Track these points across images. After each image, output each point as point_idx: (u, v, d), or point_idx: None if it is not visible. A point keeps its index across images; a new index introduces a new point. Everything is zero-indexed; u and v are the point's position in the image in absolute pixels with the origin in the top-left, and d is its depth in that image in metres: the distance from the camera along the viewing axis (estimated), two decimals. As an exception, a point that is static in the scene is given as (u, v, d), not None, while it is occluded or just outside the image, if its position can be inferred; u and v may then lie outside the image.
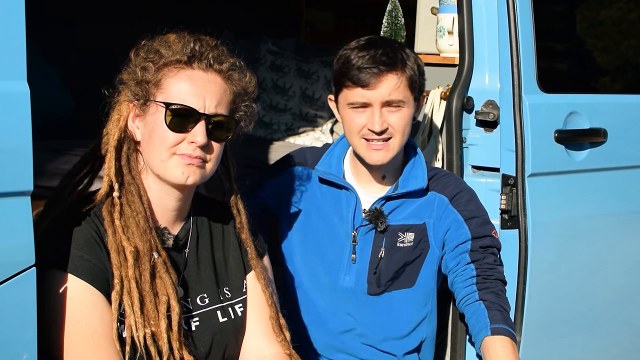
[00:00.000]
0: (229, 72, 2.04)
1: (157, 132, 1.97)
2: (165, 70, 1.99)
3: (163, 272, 1.95)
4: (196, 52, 1.99)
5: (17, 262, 1.71)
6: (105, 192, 1.96)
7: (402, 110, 2.44)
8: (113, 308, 1.88)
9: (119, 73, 2.04)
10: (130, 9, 4.41)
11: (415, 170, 2.58)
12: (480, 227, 2.54)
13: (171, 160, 1.98)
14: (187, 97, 1.97)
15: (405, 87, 2.43)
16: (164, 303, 1.93)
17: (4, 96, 1.67)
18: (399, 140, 2.47)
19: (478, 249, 2.52)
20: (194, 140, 1.97)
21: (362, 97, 2.43)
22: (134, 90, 1.99)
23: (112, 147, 1.98)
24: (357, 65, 2.41)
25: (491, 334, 2.39)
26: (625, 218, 3.18)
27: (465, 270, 2.51)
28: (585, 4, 3.44)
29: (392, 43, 2.49)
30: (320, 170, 2.58)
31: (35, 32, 2.28)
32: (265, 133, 4.14)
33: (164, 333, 1.91)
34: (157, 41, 2.02)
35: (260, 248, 2.25)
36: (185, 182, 1.99)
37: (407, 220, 2.56)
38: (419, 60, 2.49)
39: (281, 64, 4.37)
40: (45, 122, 3.20)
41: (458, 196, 2.56)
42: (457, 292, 2.53)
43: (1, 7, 1.67)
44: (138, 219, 1.95)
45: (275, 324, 2.16)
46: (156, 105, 1.98)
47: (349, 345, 2.60)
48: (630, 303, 3.27)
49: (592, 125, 2.96)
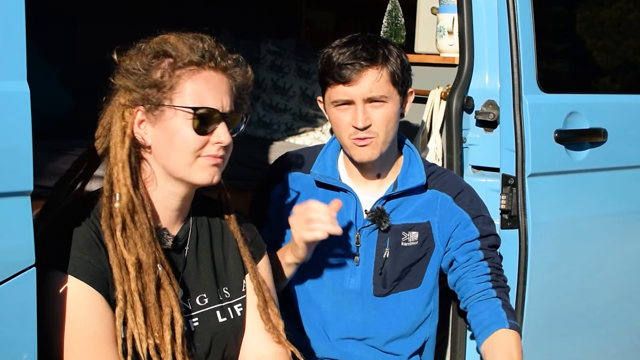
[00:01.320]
0: (234, 68, 2.04)
1: (180, 136, 1.96)
2: (178, 73, 1.96)
3: (167, 285, 1.95)
4: (205, 51, 1.98)
5: (17, 262, 1.71)
6: (107, 201, 1.93)
7: (385, 105, 2.43)
8: (117, 324, 1.88)
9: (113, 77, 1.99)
10: (130, 8, 4.41)
11: (412, 168, 2.58)
12: (487, 225, 2.57)
13: (197, 163, 1.98)
14: (207, 98, 1.96)
15: (387, 82, 2.42)
16: (168, 314, 1.93)
17: (4, 96, 1.66)
18: (383, 137, 2.45)
19: (487, 247, 2.55)
20: (219, 141, 1.97)
21: (345, 94, 2.42)
22: (141, 94, 1.96)
23: (125, 158, 1.94)
24: (338, 62, 2.41)
25: (509, 327, 2.44)
26: (625, 218, 3.18)
27: (479, 266, 2.53)
28: (585, 4, 3.44)
29: (373, 39, 2.47)
30: (317, 174, 2.57)
31: (36, 32, 2.27)
32: (265, 133, 4.13)
33: (168, 345, 1.91)
34: (158, 43, 1.99)
35: (259, 248, 2.25)
36: (212, 181, 2.00)
37: (410, 219, 2.55)
38: (403, 56, 2.48)
39: (281, 64, 4.37)
40: (45, 122, 3.20)
41: (461, 195, 2.57)
42: (468, 287, 2.54)
43: (1, 7, 1.66)
44: (142, 230, 1.93)
45: (262, 312, 2.15)
46: (174, 109, 1.95)
47: (351, 351, 2.59)
48: (630, 303, 3.27)
49: (592, 125, 2.96)
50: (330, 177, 2.56)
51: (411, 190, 2.55)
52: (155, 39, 2.01)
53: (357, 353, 2.59)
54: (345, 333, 2.58)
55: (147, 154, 2.01)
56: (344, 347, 2.59)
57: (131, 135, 1.96)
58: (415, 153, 2.61)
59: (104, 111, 2.01)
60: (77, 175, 2.06)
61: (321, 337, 2.59)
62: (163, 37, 2.01)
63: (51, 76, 3.76)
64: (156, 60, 1.97)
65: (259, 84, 4.30)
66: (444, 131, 2.92)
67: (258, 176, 2.92)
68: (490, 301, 2.50)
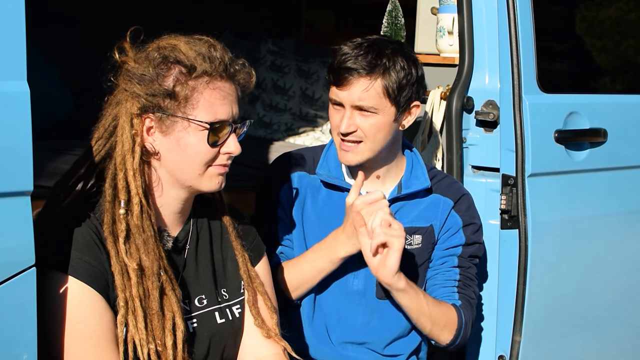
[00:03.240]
0: (240, 74, 2.02)
1: (194, 148, 1.95)
2: (192, 84, 1.93)
3: (169, 290, 1.95)
4: (219, 61, 1.96)
5: (17, 262, 1.71)
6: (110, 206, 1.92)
7: (374, 116, 2.40)
8: (119, 331, 1.88)
9: (115, 80, 1.97)
10: (130, 8, 4.41)
11: (415, 171, 2.58)
12: (474, 234, 2.59)
13: (207, 173, 1.99)
14: (219, 111, 1.96)
15: (378, 94, 2.38)
16: (170, 320, 1.93)
17: (4, 96, 1.66)
18: (370, 145, 2.42)
19: (466, 256, 2.58)
20: (229, 152, 1.99)
21: (337, 96, 2.43)
22: (152, 103, 1.93)
23: (136, 167, 1.92)
24: (338, 63, 2.41)
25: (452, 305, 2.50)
26: (625, 218, 3.18)
27: (450, 271, 2.56)
28: (585, 4, 3.44)
29: (384, 48, 2.40)
30: (323, 174, 2.56)
31: (36, 32, 2.27)
32: (265, 133, 4.14)
33: (169, 350, 1.91)
34: (167, 48, 1.95)
35: (258, 250, 2.25)
36: (219, 189, 2.03)
37: (414, 222, 2.55)
38: (412, 69, 2.41)
39: (281, 64, 4.37)
40: (45, 122, 3.20)
41: (460, 201, 2.59)
42: (432, 288, 2.57)
43: (1, 7, 1.66)
44: (146, 236, 1.93)
45: (252, 307, 2.14)
46: (188, 122, 1.94)
47: (352, 354, 2.58)
48: (630, 303, 3.27)
49: (592, 125, 2.96)
50: (336, 177, 2.56)
51: (416, 193, 2.55)
52: (161, 42, 1.97)
53: (357, 357, 2.59)
54: (348, 336, 2.58)
55: (154, 161, 1.99)
56: (344, 350, 2.59)
57: (142, 144, 1.94)
58: (418, 157, 2.61)
59: (105, 112, 1.98)
60: (77, 175, 2.05)
61: (324, 340, 2.58)
62: (171, 42, 1.97)
63: (51, 76, 3.77)
64: (166, 67, 1.93)
65: (259, 84, 4.30)
66: (444, 131, 2.91)
67: (258, 176, 2.91)
68: (452, 301, 2.53)
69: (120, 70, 1.97)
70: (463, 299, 2.54)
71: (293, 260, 2.51)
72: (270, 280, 2.27)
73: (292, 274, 2.49)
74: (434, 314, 2.45)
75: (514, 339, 2.82)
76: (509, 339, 2.83)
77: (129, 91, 1.94)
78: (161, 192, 2.01)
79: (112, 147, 1.96)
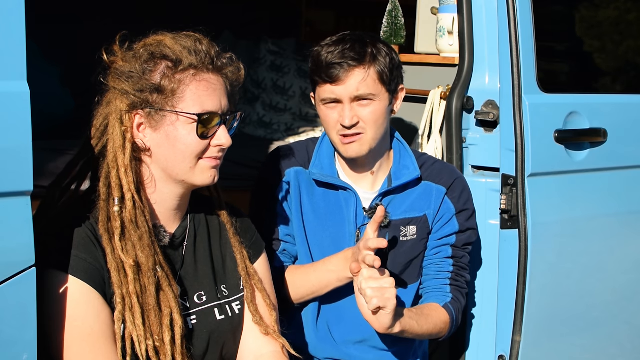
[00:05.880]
0: (228, 68, 2.03)
1: (184, 141, 1.96)
2: (179, 77, 1.95)
3: (166, 286, 1.95)
4: (204, 54, 1.97)
5: (17, 262, 1.71)
6: (104, 204, 1.92)
7: (373, 103, 2.44)
8: (116, 327, 1.88)
9: (105, 80, 1.97)
10: (130, 8, 4.41)
11: (404, 160, 2.59)
12: (467, 221, 2.61)
13: (198, 166, 1.99)
14: (207, 102, 1.96)
15: (374, 81, 2.43)
16: (167, 316, 1.94)
17: (4, 96, 1.66)
18: (372, 134, 2.46)
19: (460, 245, 2.60)
20: (220, 144, 1.99)
21: (332, 93, 2.43)
22: (140, 98, 1.94)
23: (128, 163, 1.93)
24: (326, 61, 2.42)
25: (442, 305, 2.54)
26: (625, 218, 3.18)
27: (443, 262, 2.59)
28: (585, 4, 3.44)
29: (362, 38, 2.46)
30: (316, 173, 2.57)
31: (36, 31, 2.27)
32: (265, 133, 4.14)
33: (167, 346, 1.92)
34: (153, 45, 1.97)
35: (258, 247, 2.25)
36: (213, 182, 2.02)
37: (407, 213, 2.56)
38: (392, 54, 2.48)
39: (281, 64, 4.37)
40: (45, 122, 3.20)
41: (453, 185, 2.60)
42: (425, 278, 2.61)
43: (1, 7, 1.66)
44: (141, 233, 1.93)
45: (250, 303, 2.15)
46: (176, 115, 1.95)
47: (353, 352, 2.59)
48: (630, 303, 3.27)
49: (592, 125, 2.96)
50: (330, 175, 2.57)
51: (406, 184, 2.56)
52: (148, 40, 2.00)
53: (359, 354, 2.59)
54: (349, 333, 2.58)
55: (146, 157, 2.00)
56: (347, 348, 2.59)
57: (132, 140, 1.96)
58: (404, 145, 2.62)
59: (96, 113, 2.00)
60: (71, 176, 2.06)
61: (327, 338, 2.59)
62: (157, 39, 1.99)
63: (51, 76, 3.77)
64: (153, 63, 1.96)
65: (259, 84, 4.31)
66: (444, 131, 2.92)
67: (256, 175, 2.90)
68: (443, 295, 2.57)
69: (109, 71, 1.99)
70: (454, 291, 2.58)
71: (300, 270, 2.52)
72: (270, 278, 2.27)
73: (298, 282, 2.50)
74: (429, 329, 2.50)
75: (514, 339, 2.82)
76: (509, 339, 2.83)
77: (117, 89, 1.96)
78: (155, 188, 2.02)
79: (104, 146, 1.97)
